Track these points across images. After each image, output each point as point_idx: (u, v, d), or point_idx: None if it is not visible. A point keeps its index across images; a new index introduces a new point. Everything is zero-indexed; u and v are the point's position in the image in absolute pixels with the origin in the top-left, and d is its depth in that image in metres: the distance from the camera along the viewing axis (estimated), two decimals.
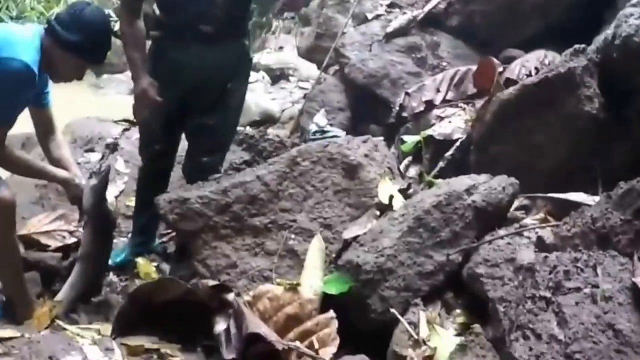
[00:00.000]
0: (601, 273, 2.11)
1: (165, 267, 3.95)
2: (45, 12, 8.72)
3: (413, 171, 4.53)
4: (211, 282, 2.69)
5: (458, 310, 2.77)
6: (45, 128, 3.60)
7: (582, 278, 2.11)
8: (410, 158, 4.59)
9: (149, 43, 3.73)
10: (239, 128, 5.71)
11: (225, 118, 3.71)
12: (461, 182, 3.02)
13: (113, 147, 3.78)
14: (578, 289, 2.08)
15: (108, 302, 3.67)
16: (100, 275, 3.73)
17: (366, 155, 3.32)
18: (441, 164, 4.18)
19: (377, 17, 5.94)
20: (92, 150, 4.96)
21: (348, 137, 3.45)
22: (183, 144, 3.98)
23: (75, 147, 4.96)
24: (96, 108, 9.01)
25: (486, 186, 2.98)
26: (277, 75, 8.72)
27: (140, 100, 3.55)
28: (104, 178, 3.51)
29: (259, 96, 7.76)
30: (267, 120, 7.21)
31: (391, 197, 3.09)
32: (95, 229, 3.53)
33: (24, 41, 3.10)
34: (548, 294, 2.10)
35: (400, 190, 3.21)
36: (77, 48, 3.18)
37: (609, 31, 3.40)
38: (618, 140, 3.37)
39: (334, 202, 3.17)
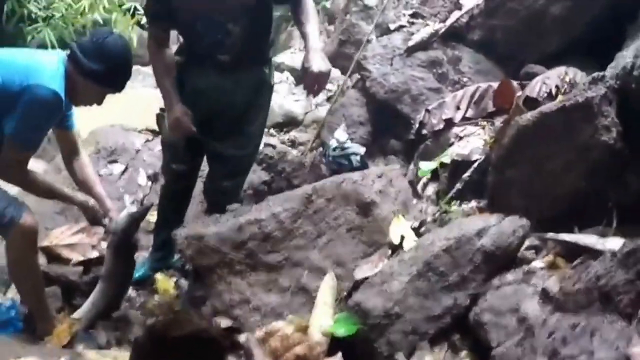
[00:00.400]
0: (597, 341, 2.16)
1: (184, 282, 4.02)
2: (73, 3, 8.75)
3: (431, 189, 4.57)
4: (224, 323, 2.78)
5: (464, 352, 2.84)
6: (69, 149, 3.70)
7: (578, 346, 2.16)
8: (428, 175, 4.63)
9: None
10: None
11: (244, 145, 3.76)
12: (472, 225, 3.06)
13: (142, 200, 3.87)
14: (572, 357, 2.14)
15: (126, 318, 3.77)
16: (121, 295, 3.83)
17: (380, 192, 3.37)
18: (458, 185, 4.22)
19: (400, 28, 5.92)
20: (115, 161, 5.03)
21: (363, 172, 3.48)
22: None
23: (98, 158, 5.05)
24: (123, 102, 9.12)
25: (496, 229, 3.03)
26: (301, 76, 8.68)
27: (174, 129, 3.59)
28: (144, 212, 3.60)
29: (283, 97, 7.77)
30: (290, 122, 7.21)
31: (402, 238, 3.15)
32: (119, 250, 3.63)
33: (50, 68, 3.19)
34: None
35: (413, 229, 3.27)
36: (98, 77, 3.30)
37: (628, 59, 3.38)
38: (634, 170, 3.38)
39: (347, 240, 3.24)
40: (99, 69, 3.28)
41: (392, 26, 5.99)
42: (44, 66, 3.20)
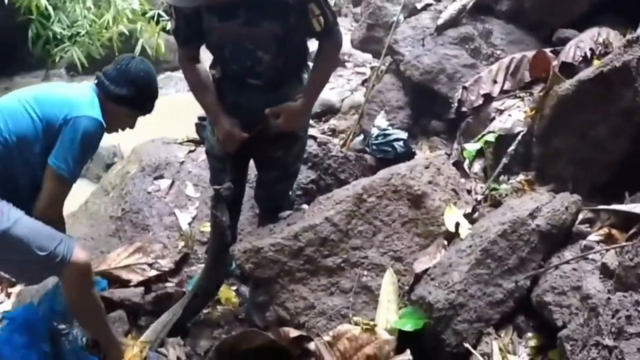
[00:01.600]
0: None
1: (244, 290, 4.06)
2: (96, 19, 8.79)
3: (477, 166, 4.60)
4: (292, 333, 2.86)
5: (529, 334, 2.89)
6: None
7: None
8: (473, 153, 4.66)
9: None
10: None
11: (289, 150, 3.76)
12: (524, 206, 3.10)
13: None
14: (639, 335, 2.17)
15: (192, 333, 3.78)
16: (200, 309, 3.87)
17: (430, 182, 3.41)
18: (504, 160, 4.24)
19: (427, 7, 5.90)
20: (161, 177, 5.08)
21: (411, 164, 3.49)
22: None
23: (144, 175, 5.06)
24: (158, 110, 9.20)
25: (549, 208, 3.07)
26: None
27: (227, 143, 3.59)
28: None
29: None
30: (328, 111, 7.22)
31: (457, 225, 3.20)
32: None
33: (87, 99, 3.28)
34: (610, 342, 2.18)
35: (465, 215, 3.31)
36: (129, 101, 3.39)
37: None
38: None
39: (402, 234, 3.28)
40: (128, 94, 3.37)
41: (419, 5, 5.97)
42: (82, 97, 3.27)
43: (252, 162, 3.95)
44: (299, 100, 3.41)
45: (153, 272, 4.19)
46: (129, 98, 3.38)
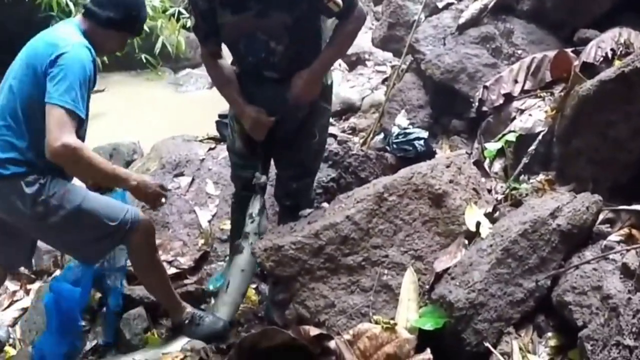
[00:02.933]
0: None
1: (264, 287, 4.09)
2: None
3: (498, 166, 4.60)
4: (313, 331, 2.87)
5: (550, 334, 2.89)
6: None
7: None
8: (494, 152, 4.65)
9: None
10: None
11: (309, 148, 3.77)
12: (545, 205, 3.09)
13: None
14: None
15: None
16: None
17: (451, 181, 3.42)
18: (525, 159, 4.23)
19: (448, 6, 5.90)
20: (181, 174, 5.12)
21: (432, 163, 3.50)
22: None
23: (164, 173, 5.11)
24: (178, 106, 9.24)
25: (570, 207, 3.06)
26: (354, 61, 8.68)
27: (255, 130, 3.63)
28: None
29: (338, 85, 7.78)
30: (349, 109, 7.23)
31: (478, 224, 3.21)
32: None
33: (70, 33, 3.36)
34: (631, 342, 2.19)
35: (486, 215, 3.31)
36: (116, 24, 3.46)
37: None
38: None
39: (423, 233, 3.29)
40: (115, 16, 3.42)
41: (440, 5, 5.98)
42: (65, 34, 3.35)
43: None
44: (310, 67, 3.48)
45: (173, 270, 4.23)
46: (118, 20, 3.45)
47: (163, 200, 3.55)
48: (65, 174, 3.36)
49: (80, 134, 3.28)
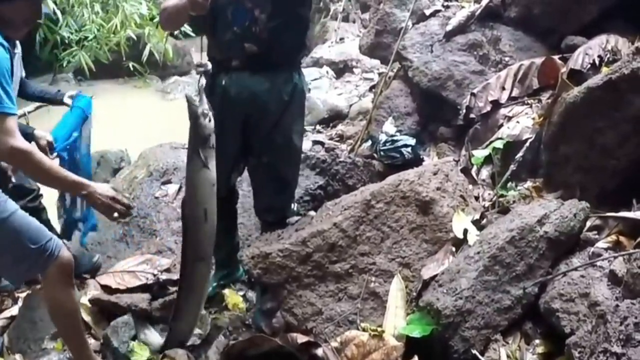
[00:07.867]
0: None
1: (251, 295, 4.04)
2: (104, 23, 8.83)
3: (485, 173, 4.59)
4: (300, 338, 2.86)
5: (537, 341, 2.89)
6: None
7: None
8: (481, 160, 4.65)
9: None
10: (309, 146, 5.80)
11: (282, 155, 3.65)
12: (532, 212, 3.10)
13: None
14: None
15: (200, 337, 3.76)
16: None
17: (438, 189, 3.42)
18: (512, 166, 4.24)
19: (435, 13, 5.89)
20: (169, 181, 5.09)
21: (419, 170, 3.50)
22: None
23: (152, 180, 5.08)
24: (165, 114, 9.19)
25: (557, 214, 3.07)
26: (341, 69, 8.68)
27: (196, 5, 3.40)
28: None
29: (325, 92, 7.80)
30: (336, 117, 7.23)
31: (465, 231, 3.20)
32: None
33: None
34: (619, 349, 2.18)
35: (473, 222, 3.31)
36: None
37: None
38: None
39: (410, 240, 3.29)
40: None
41: (427, 12, 5.96)
42: None
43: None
44: None
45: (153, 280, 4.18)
46: None
47: (126, 214, 3.42)
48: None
49: None
